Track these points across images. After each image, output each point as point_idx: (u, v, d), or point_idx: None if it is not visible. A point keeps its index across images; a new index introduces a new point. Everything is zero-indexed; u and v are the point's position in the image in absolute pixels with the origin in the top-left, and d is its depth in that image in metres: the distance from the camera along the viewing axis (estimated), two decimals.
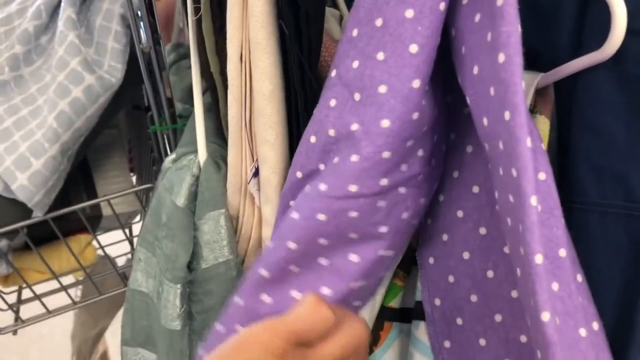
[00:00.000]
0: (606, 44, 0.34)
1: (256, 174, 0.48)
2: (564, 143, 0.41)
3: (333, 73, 0.38)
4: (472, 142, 0.42)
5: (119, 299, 1.28)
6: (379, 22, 0.34)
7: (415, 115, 0.34)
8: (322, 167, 0.39)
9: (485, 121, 0.32)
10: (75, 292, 1.23)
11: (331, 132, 0.38)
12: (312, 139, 0.39)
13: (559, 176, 0.37)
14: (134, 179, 0.93)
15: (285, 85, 0.45)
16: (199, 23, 0.51)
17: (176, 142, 0.64)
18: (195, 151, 0.52)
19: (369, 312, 0.47)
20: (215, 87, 0.53)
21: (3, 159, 0.61)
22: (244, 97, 0.46)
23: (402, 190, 0.38)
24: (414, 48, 0.33)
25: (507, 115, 0.29)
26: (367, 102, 0.35)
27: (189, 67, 0.68)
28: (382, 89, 0.34)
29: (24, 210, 0.64)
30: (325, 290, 0.39)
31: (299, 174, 0.41)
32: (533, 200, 0.29)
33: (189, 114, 0.65)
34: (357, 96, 0.36)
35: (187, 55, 0.73)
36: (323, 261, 0.40)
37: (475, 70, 0.32)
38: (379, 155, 0.34)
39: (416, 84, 0.33)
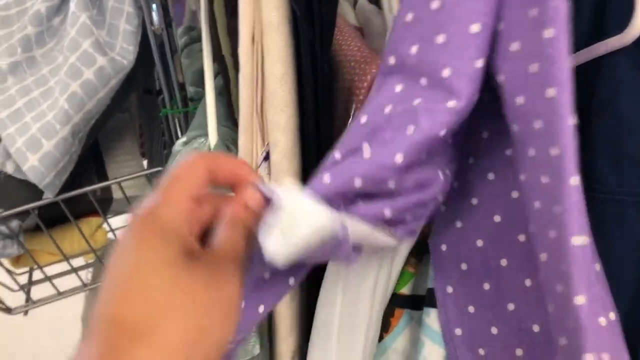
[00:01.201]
0: (628, 28, 0.34)
1: (267, 158, 0.47)
2: (582, 130, 0.40)
3: (391, 60, 0.37)
4: (489, 128, 0.42)
5: None
6: (435, 5, 0.33)
7: (476, 95, 0.33)
8: (365, 145, 0.36)
9: (520, 99, 0.31)
10: (86, 275, 1.24)
11: (387, 110, 0.36)
12: (363, 119, 0.37)
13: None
14: (144, 163, 0.93)
15: (297, 68, 0.45)
16: (211, 5, 0.50)
17: (187, 125, 0.64)
18: (206, 134, 0.52)
19: (382, 297, 0.47)
20: (226, 69, 0.52)
21: (14, 140, 0.60)
22: (256, 80, 0.45)
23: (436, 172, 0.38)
24: (475, 28, 0.32)
25: (550, 92, 0.28)
26: (433, 86, 0.34)
27: (201, 51, 0.68)
28: (446, 72, 0.33)
29: (35, 192, 0.64)
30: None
31: (337, 155, 0.38)
32: (574, 181, 0.28)
33: (200, 98, 0.64)
34: (423, 81, 0.35)
35: (198, 39, 0.72)
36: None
37: (515, 47, 0.31)
38: (436, 131, 0.33)
39: (479, 63, 0.32)
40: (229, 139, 0.51)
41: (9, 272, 0.76)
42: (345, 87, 0.48)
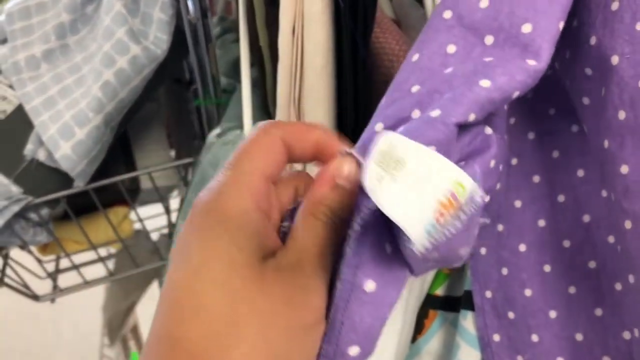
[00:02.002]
0: None
1: None
2: None
3: (446, 14, 0.33)
4: (535, 129, 0.40)
5: (150, 273, 1.29)
6: None
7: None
8: (416, 113, 0.31)
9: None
10: (108, 265, 1.25)
11: (448, 71, 0.32)
12: (415, 88, 0.32)
13: None
14: (171, 153, 0.92)
15: (336, 61, 0.44)
16: None
17: (219, 117, 0.63)
18: (241, 126, 0.51)
19: (416, 298, 0.46)
20: (262, 61, 0.51)
21: (47, 127, 0.60)
22: (294, 72, 0.44)
23: (488, 131, 0.32)
24: None
25: None
26: (505, 44, 0.30)
27: (234, 41, 0.67)
28: (527, 27, 0.29)
29: (65, 180, 0.64)
30: None
31: (379, 127, 0.32)
32: None
33: (233, 89, 0.63)
34: (489, 39, 0.31)
35: (231, 29, 0.71)
36: None
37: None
38: (511, 91, 0.29)
39: (561, 25, 0.29)
40: None
41: (38, 260, 0.76)
42: (381, 80, 0.47)
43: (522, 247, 0.41)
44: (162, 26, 0.62)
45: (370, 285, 0.25)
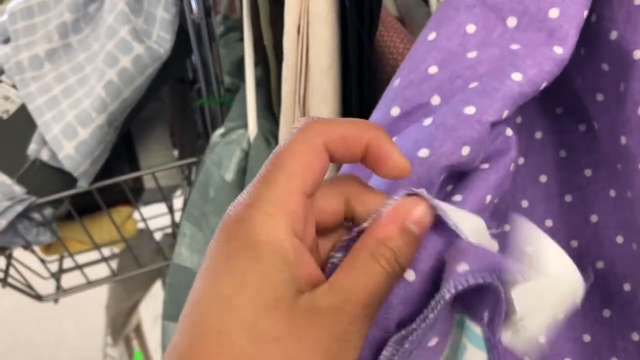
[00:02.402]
0: None
1: None
2: None
3: None
4: (542, 128, 0.40)
5: (153, 272, 1.29)
6: None
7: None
8: (436, 100, 0.30)
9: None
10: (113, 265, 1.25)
11: (471, 55, 0.30)
12: (433, 70, 0.31)
13: None
14: (175, 153, 0.92)
15: (341, 60, 0.43)
16: None
17: (223, 116, 0.63)
18: (245, 126, 0.51)
19: None
20: (267, 60, 0.51)
21: (50, 127, 0.60)
22: (299, 71, 0.44)
23: (509, 132, 0.31)
24: None
25: None
26: (529, 27, 0.29)
27: (237, 40, 0.67)
28: (554, 13, 0.29)
29: (68, 180, 0.64)
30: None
31: (395, 111, 0.31)
32: None
33: (237, 88, 0.63)
34: (511, 21, 0.30)
35: (235, 28, 0.71)
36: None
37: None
38: (540, 83, 0.28)
39: (586, 13, 0.29)
40: (268, 131, 0.50)
41: (41, 259, 0.76)
42: (385, 78, 0.47)
43: None
44: (165, 25, 0.62)
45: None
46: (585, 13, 0.29)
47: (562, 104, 0.39)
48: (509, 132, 0.31)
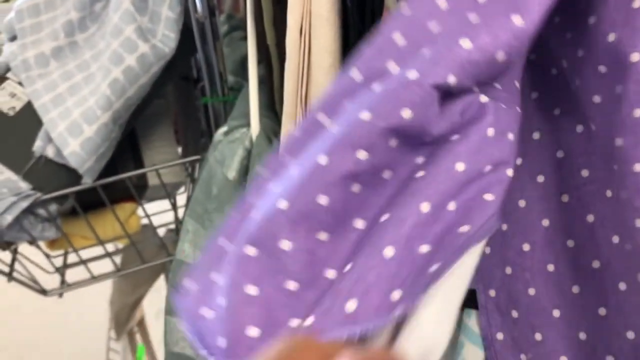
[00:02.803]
0: None
1: None
2: None
3: None
4: (540, 129, 0.40)
5: (157, 267, 1.30)
6: None
7: (538, 27, 0.29)
8: (392, 66, 0.30)
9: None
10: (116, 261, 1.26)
11: (432, 26, 0.30)
12: (397, 36, 0.31)
13: None
14: (179, 150, 0.93)
15: (343, 60, 0.44)
16: None
17: (226, 114, 0.63)
18: (248, 124, 0.51)
19: None
20: (269, 59, 0.51)
21: (56, 124, 0.61)
22: (301, 71, 0.44)
23: (483, 99, 0.31)
24: None
25: None
26: (496, 0, 0.29)
27: (241, 39, 0.67)
28: None
29: (73, 176, 0.64)
30: (425, 207, 0.29)
31: (355, 74, 0.31)
32: None
33: (240, 87, 0.64)
34: None
35: (239, 27, 0.72)
36: (386, 175, 0.31)
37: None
38: (495, 52, 0.28)
39: None
40: (270, 130, 0.51)
41: (46, 255, 0.77)
42: None
43: (526, 247, 0.41)
44: (170, 24, 0.62)
45: None
46: None
47: (560, 105, 0.39)
48: (484, 98, 0.30)
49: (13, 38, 0.70)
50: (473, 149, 0.29)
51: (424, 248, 0.28)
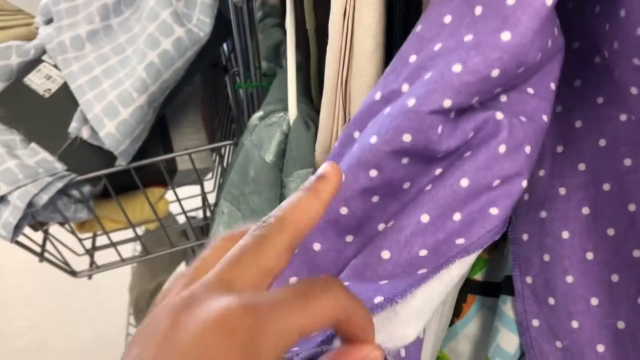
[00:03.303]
0: None
1: None
2: None
3: None
4: (583, 117, 0.40)
5: (178, 255, 1.31)
6: None
7: (536, 39, 0.30)
8: (405, 87, 0.34)
9: None
10: (134, 246, 1.27)
11: (437, 47, 0.33)
12: (412, 58, 0.34)
13: None
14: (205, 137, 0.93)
15: (386, 45, 0.44)
16: None
17: (259, 100, 0.64)
18: (284, 109, 0.52)
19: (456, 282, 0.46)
20: (307, 45, 0.52)
21: (92, 106, 0.62)
22: (343, 54, 0.44)
23: (499, 116, 0.34)
24: None
25: None
26: (489, 14, 0.31)
27: (274, 25, 0.68)
28: (511, 0, 0.30)
29: (106, 159, 0.65)
30: (425, 218, 0.34)
31: (377, 95, 0.35)
32: None
33: (273, 73, 0.64)
34: (478, 10, 0.32)
35: (272, 14, 0.72)
36: (406, 185, 0.35)
37: None
38: (487, 70, 0.30)
39: (549, 1, 0.30)
40: (307, 115, 0.51)
41: (77, 237, 0.78)
42: None
43: (565, 234, 0.41)
44: (205, 9, 0.63)
45: None
46: (548, 0, 0.29)
47: (603, 93, 0.39)
48: (499, 115, 0.33)
49: (49, 21, 0.70)
50: (480, 166, 0.33)
51: (422, 252, 0.33)
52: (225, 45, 0.83)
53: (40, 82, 0.67)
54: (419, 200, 0.34)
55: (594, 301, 0.41)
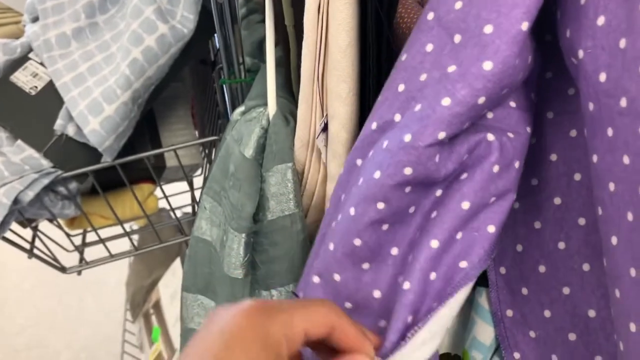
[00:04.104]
0: None
1: (325, 129, 0.47)
2: None
3: (430, 16, 0.36)
4: (554, 108, 0.41)
5: (173, 251, 1.32)
6: None
7: (517, 61, 0.32)
8: (397, 117, 0.36)
9: (602, 76, 0.30)
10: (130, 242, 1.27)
11: (423, 77, 0.35)
12: (401, 88, 0.37)
13: None
14: (196, 133, 0.94)
15: (360, 40, 0.44)
16: None
17: (244, 96, 0.64)
18: (265, 104, 0.52)
19: None
20: (287, 40, 0.52)
21: (77, 103, 0.62)
22: (319, 49, 0.45)
23: (490, 137, 0.36)
24: None
25: None
26: (468, 43, 0.33)
27: (259, 22, 0.68)
28: (488, 29, 0.31)
29: (93, 155, 0.66)
30: (433, 243, 0.37)
31: (373, 125, 0.38)
32: None
33: (257, 69, 0.65)
34: (457, 38, 0.33)
35: (256, 10, 0.72)
36: (411, 210, 0.38)
37: (601, 21, 0.30)
38: (474, 100, 0.32)
39: (525, 26, 0.31)
40: (287, 110, 0.52)
41: (66, 233, 0.78)
42: None
43: (538, 225, 0.42)
44: (189, 6, 0.63)
45: None
46: (524, 25, 0.31)
47: (574, 85, 0.40)
48: (491, 137, 0.36)
49: (35, 19, 0.71)
50: (477, 187, 0.36)
51: (432, 276, 0.36)
52: (215, 42, 0.83)
53: (26, 79, 0.67)
54: (427, 229, 0.37)
55: (566, 290, 0.41)
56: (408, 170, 0.34)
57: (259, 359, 0.28)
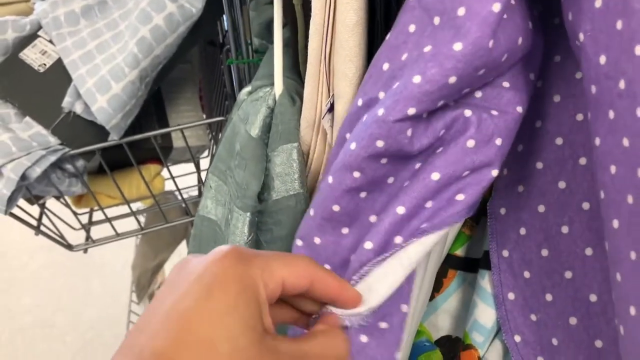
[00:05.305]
0: None
1: (331, 109, 0.47)
2: None
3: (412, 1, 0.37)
4: (561, 92, 0.41)
5: (179, 233, 1.33)
6: None
7: (491, 43, 0.32)
8: (381, 94, 0.38)
9: (602, 59, 0.30)
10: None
11: (404, 57, 0.36)
12: (385, 66, 0.38)
13: None
14: (203, 115, 0.94)
15: (369, 19, 0.44)
16: None
17: (251, 76, 0.64)
18: (271, 84, 0.52)
19: (437, 258, 0.47)
20: (295, 21, 0.52)
21: (85, 81, 0.62)
22: (326, 29, 0.45)
23: (467, 113, 0.37)
24: None
25: (638, 50, 0.27)
26: (445, 25, 0.33)
27: (267, 3, 0.68)
28: (461, 11, 0.32)
29: (100, 133, 0.66)
30: (399, 209, 0.38)
31: (359, 102, 0.39)
32: None
33: (264, 50, 0.65)
34: (436, 20, 0.34)
35: None
36: (390, 180, 0.40)
37: (599, 3, 0.30)
38: (444, 79, 0.33)
39: (497, 7, 0.31)
40: (293, 90, 0.52)
41: (73, 211, 0.79)
42: None
43: (541, 208, 0.42)
44: None
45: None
46: (496, 6, 0.31)
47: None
48: (468, 112, 0.36)
49: None
50: (450, 160, 0.37)
51: (398, 239, 0.38)
52: (224, 23, 0.83)
53: (35, 57, 0.68)
54: (397, 196, 0.38)
55: (568, 274, 0.41)
56: (380, 143, 0.36)
57: (238, 301, 0.28)
